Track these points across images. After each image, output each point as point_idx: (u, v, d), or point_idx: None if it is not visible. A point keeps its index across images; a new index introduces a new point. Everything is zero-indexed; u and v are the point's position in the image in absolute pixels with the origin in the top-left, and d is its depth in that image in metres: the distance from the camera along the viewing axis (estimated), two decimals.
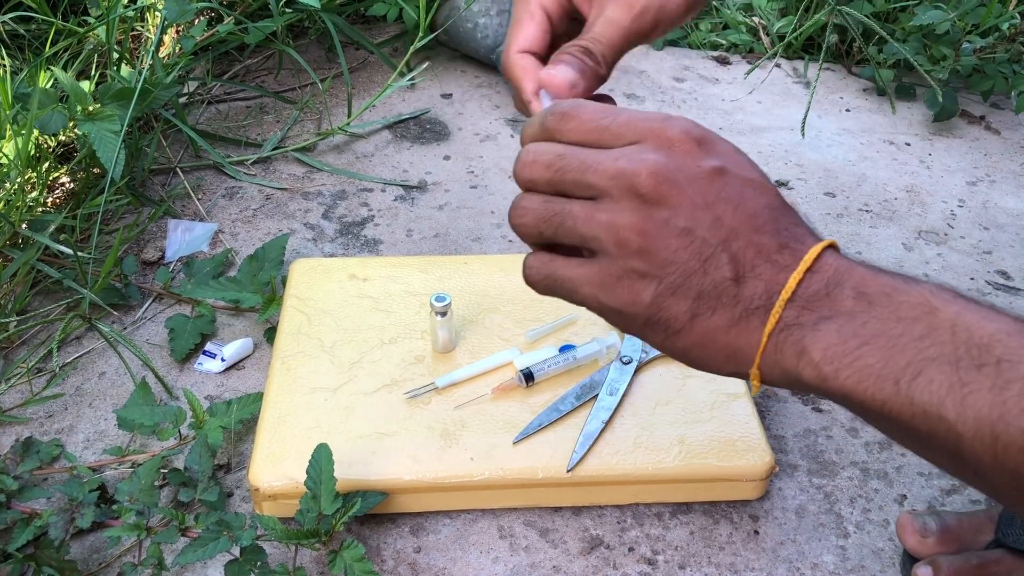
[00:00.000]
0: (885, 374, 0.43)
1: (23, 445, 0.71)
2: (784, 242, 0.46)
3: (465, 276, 0.85)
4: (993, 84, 1.20)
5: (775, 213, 0.47)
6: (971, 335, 0.41)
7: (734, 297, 0.46)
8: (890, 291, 0.44)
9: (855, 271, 0.45)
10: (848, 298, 0.44)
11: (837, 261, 0.45)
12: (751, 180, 0.47)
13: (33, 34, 1.10)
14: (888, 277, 0.45)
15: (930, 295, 0.43)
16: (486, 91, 1.24)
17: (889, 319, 0.43)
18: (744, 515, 0.71)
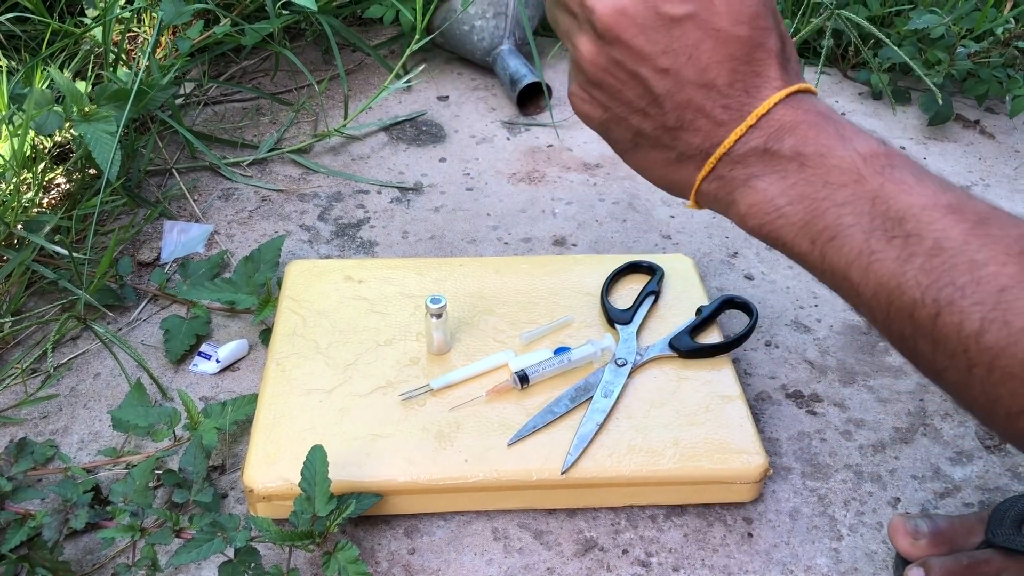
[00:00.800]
0: (804, 233, 0.48)
1: (17, 446, 0.71)
2: (732, 97, 0.49)
3: (460, 278, 0.85)
4: (988, 88, 1.20)
5: (734, 64, 0.49)
6: (889, 207, 0.45)
7: (671, 142, 0.51)
8: (825, 152, 0.47)
9: (798, 128, 0.48)
10: (784, 157, 0.48)
11: (787, 115, 0.48)
12: (717, 30, 0.48)
13: (29, 35, 1.10)
14: (830, 135, 0.48)
15: (862, 162, 0.46)
16: (482, 93, 1.24)
17: (817, 182, 0.47)
18: (738, 517, 0.71)
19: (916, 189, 0.45)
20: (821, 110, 0.49)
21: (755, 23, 0.49)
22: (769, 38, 0.50)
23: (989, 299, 0.42)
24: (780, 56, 0.50)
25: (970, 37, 1.25)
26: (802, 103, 0.49)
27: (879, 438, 0.78)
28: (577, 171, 1.10)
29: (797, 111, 0.49)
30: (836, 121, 0.49)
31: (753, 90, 0.49)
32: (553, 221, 1.02)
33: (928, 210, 0.44)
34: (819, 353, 0.86)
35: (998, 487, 0.74)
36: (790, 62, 0.51)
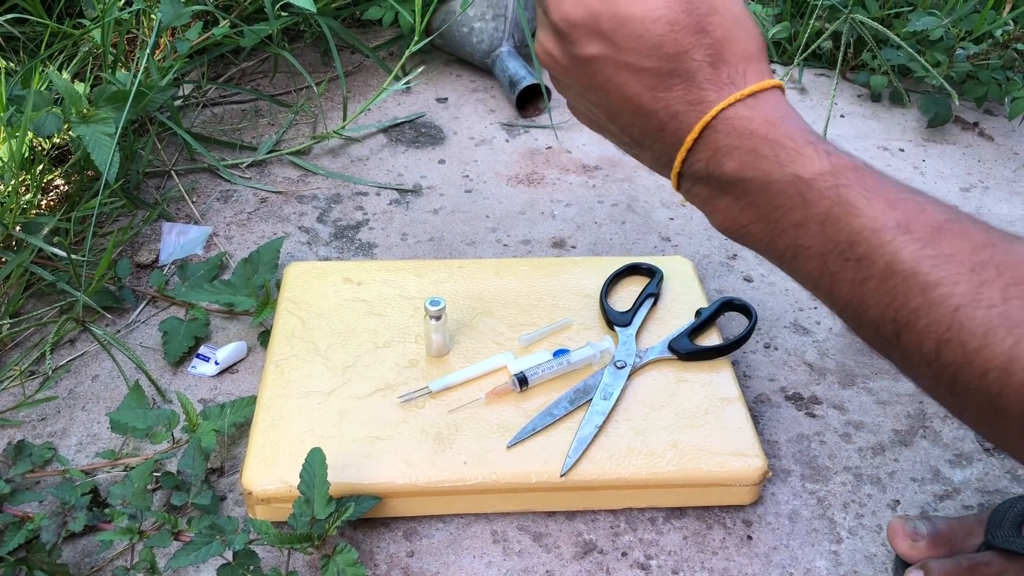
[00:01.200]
0: (771, 249, 0.49)
1: (15, 448, 0.71)
2: (664, 123, 0.50)
3: (459, 280, 0.85)
4: (987, 90, 1.20)
5: (653, 93, 0.49)
6: (839, 230, 0.45)
7: (639, 152, 0.53)
8: (765, 178, 0.47)
9: (734, 154, 0.48)
10: (728, 182, 0.49)
11: (720, 139, 0.48)
12: (625, 64, 0.49)
13: (28, 36, 1.10)
14: (767, 160, 0.47)
15: (806, 187, 0.46)
16: (481, 95, 1.24)
17: (767, 206, 0.48)
18: (737, 520, 0.71)
19: (864, 211, 0.45)
20: (760, 125, 0.48)
21: (662, 51, 0.48)
22: (687, 58, 0.48)
23: (944, 319, 0.42)
24: (710, 68, 0.49)
25: (969, 39, 1.25)
26: (739, 121, 0.48)
27: (878, 440, 0.78)
28: (576, 173, 1.10)
29: (731, 134, 0.48)
30: (776, 140, 0.47)
31: (682, 116, 0.49)
32: (552, 223, 1.02)
33: (877, 232, 0.44)
34: (818, 355, 0.86)
35: (997, 489, 0.74)
36: (726, 67, 0.49)
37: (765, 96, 0.48)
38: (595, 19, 0.49)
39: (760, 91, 0.48)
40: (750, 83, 0.48)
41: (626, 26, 0.48)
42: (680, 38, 0.48)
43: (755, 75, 0.49)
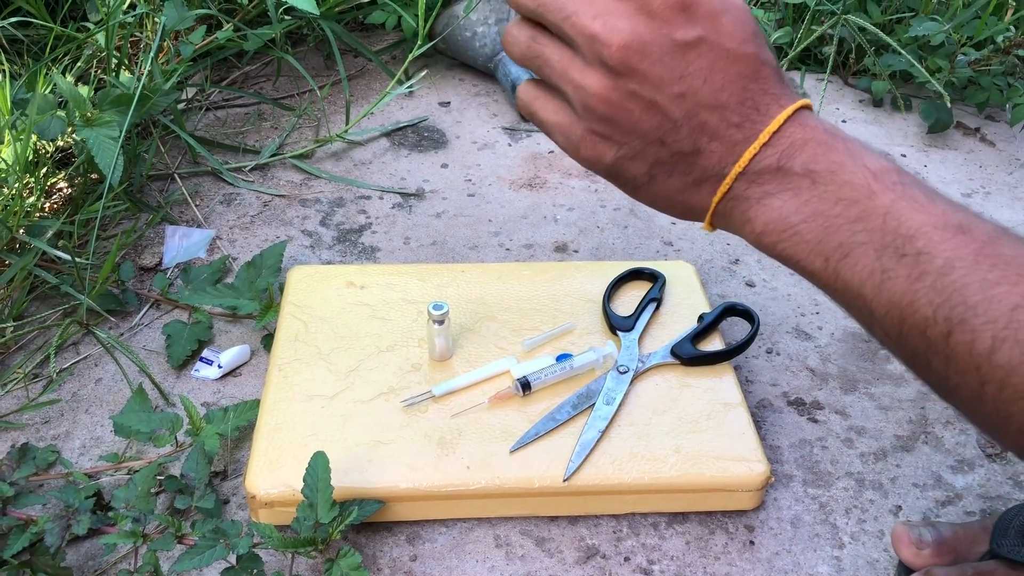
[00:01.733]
0: (818, 251, 0.48)
1: (19, 451, 0.71)
2: (745, 116, 0.49)
3: (462, 284, 0.85)
4: (988, 96, 1.21)
5: (745, 83, 0.49)
6: (900, 224, 0.45)
7: (689, 167, 0.51)
8: (836, 169, 0.48)
9: (808, 146, 0.48)
10: (796, 175, 0.48)
11: (796, 132, 0.49)
12: (727, 51, 0.49)
13: (32, 39, 1.10)
14: (839, 152, 0.48)
15: (872, 179, 0.47)
16: (484, 99, 1.24)
17: (829, 199, 0.47)
18: (740, 525, 0.71)
19: (927, 207, 0.46)
20: (827, 127, 0.50)
21: (757, 40, 0.50)
22: (769, 54, 0.51)
23: (1001, 318, 0.42)
24: (778, 72, 0.51)
25: (970, 45, 1.25)
26: (808, 120, 0.50)
27: (880, 446, 0.78)
28: (579, 177, 1.10)
29: (805, 128, 0.49)
30: (844, 138, 0.49)
31: (763, 107, 0.50)
32: (555, 227, 1.02)
33: (939, 229, 0.45)
34: (820, 360, 0.86)
35: (1000, 495, 0.74)
36: (784, 78, 0.52)
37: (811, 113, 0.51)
38: (698, 3, 0.49)
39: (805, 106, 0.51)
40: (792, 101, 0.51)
41: (729, 11, 0.49)
42: (763, 35, 0.50)
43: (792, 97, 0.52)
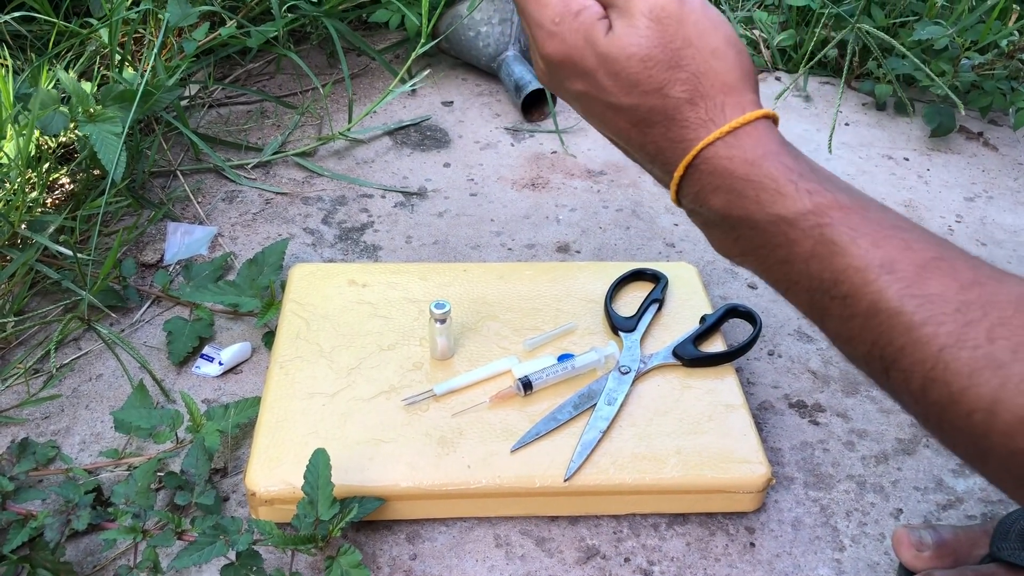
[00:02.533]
0: (765, 278, 0.50)
1: (19, 446, 0.71)
2: (655, 155, 0.50)
3: (464, 283, 0.85)
4: (991, 100, 1.21)
5: (639, 128, 0.50)
6: (822, 268, 0.46)
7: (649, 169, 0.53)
8: (748, 216, 0.47)
9: (717, 193, 0.48)
10: (716, 218, 0.49)
11: (701, 179, 0.48)
12: (608, 104, 0.50)
13: (35, 34, 1.10)
14: (748, 200, 0.47)
15: (788, 227, 0.46)
16: (487, 99, 1.24)
17: (754, 241, 0.48)
18: (740, 527, 0.71)
19: (848, 250, 0.45)
20: (740, 167, 0.47)
21: (638, 89, 0.48)
22: (664, 94, 0.48)
23: (929, 359, 0.42)
24: (688, 105, 0.48)
25: (974, 49, 1.25)
26: (722, 157, 0.47)
27: (881, 449, 0.78)
28: (581, 178, 1.10)
29: (713, 174, 0.48)
30: (756, 180, 0.47)
31: (667, 151, 0.49)
32: (557, 227, 1.02)
33: (861, 271, 0.44)
34: (822, 363, 0.86)
35: (1000, 499, 0.74)
36: (704, 103, 0.48)
37: (746, 132, 0.47)
38: (577, 58, 0.49)
39: (740, 126, 0.47)
40: (729, 118, 0.48)
41: (605, 64, 0.48)
42: (655, 75, 0.48)
43: (735, 109, 0.48)
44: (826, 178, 0.48)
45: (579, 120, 1.20)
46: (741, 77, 0.48)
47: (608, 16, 0.49)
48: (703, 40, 0.48)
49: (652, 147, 0.50)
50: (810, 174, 0.47)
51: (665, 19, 0.47)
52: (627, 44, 0.47)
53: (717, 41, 0.48)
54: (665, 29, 0.47)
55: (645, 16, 0.47)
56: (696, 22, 0.48)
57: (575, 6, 0.49)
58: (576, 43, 0.49)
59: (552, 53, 0.50)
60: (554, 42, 0.50)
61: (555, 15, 0.49)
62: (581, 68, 0.49)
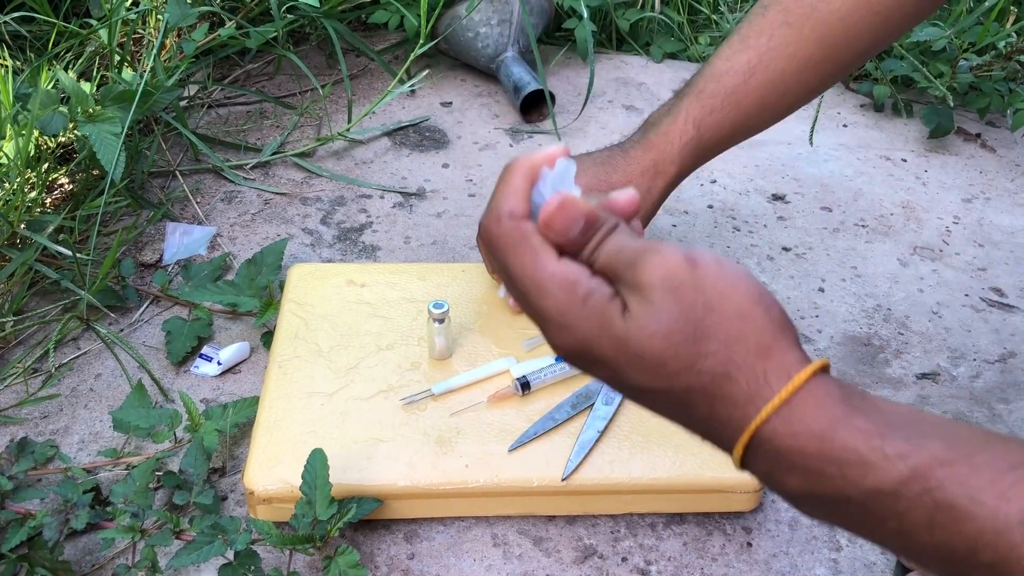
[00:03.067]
0: (885, 547, 0.44)
1: (18, 445, 0.71)
2: (704, 437, 0.44)
3: (463, 284, 0.85)
4: (989, 102, 1.21)
5: (677, 411, 0.43)
6: (952, 537, 0.39)
7: None
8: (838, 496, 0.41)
9: (792, 473, 0.41)
10: (798, 497, 0.42)
11: (768, 461, 0.41)
12: (638, 388, 0.43)
13: (35, 35, 1.10)
14: (835, 478, 0.40)
15: (892, 501, 0.39)
16: (486, 100, 1.24)
17: (853, 519, 0.42)
18: (737, 527, 0.71)
19: (975, 513, 0.38)
20: (810, 443, 0.40)
21: (666, 370, 0.42)
22: (696, 372, 0.41)
23: None
24: (726, 380, 0.41)
25: (972, 50, 1.25)
26: (782, 435, 0.40)
27: None
28: None
29: (779, 455, 0.41)
30: (835, 456, 0.40)
31: (717, 433, 0.43)
32: None
33: (1002, 534, 0.37)
34: None
35: None
36: (743, 375, 0.41)
37: (801, 400, 0.41)
38: (594, 347, 0.43)
39: (792, 395, 0.40)
40: (776, 389, 0.41)
41: (625, 349, 0.42)
42: (682, 351, 0.41)
43: (779, 376, 0.41)
44: (910, 427, 0.40)
45: (577, 121, 1.20)
46: (776, 335, 0.42)
47: (620, 293, 0.43)
48: (725, 303, 0.41)
49: (700, 428, 0.43)
50: (892, 432, 0.40)
51: (680, 288, 0.41)
52: (645, 323, 0.41)
53: (740, 300, 0.42)
54: (682, 298, 0.41)
55: (658, 288, 0.41)
56: (714, 284, 0.41)
57: (581, 292, 0.43)
58: (589, 332, 0.43)
59: (564, 346, 0.44)
60: (565, 335, 0.43)
61: (560, 306, 0.43)
62: (599, 356, 0.43)
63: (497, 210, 0.45)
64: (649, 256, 0.42)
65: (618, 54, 1.38)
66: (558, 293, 0.43)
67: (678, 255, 0.42)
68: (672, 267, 0.41)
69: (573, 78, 1.30)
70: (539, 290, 0.44)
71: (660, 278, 0.41)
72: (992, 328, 0.92)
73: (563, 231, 0.43)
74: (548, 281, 0.43)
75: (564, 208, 0.43)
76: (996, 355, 0.89)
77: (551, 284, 0.43)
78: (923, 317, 0.93)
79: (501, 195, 0.45)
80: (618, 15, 1.36)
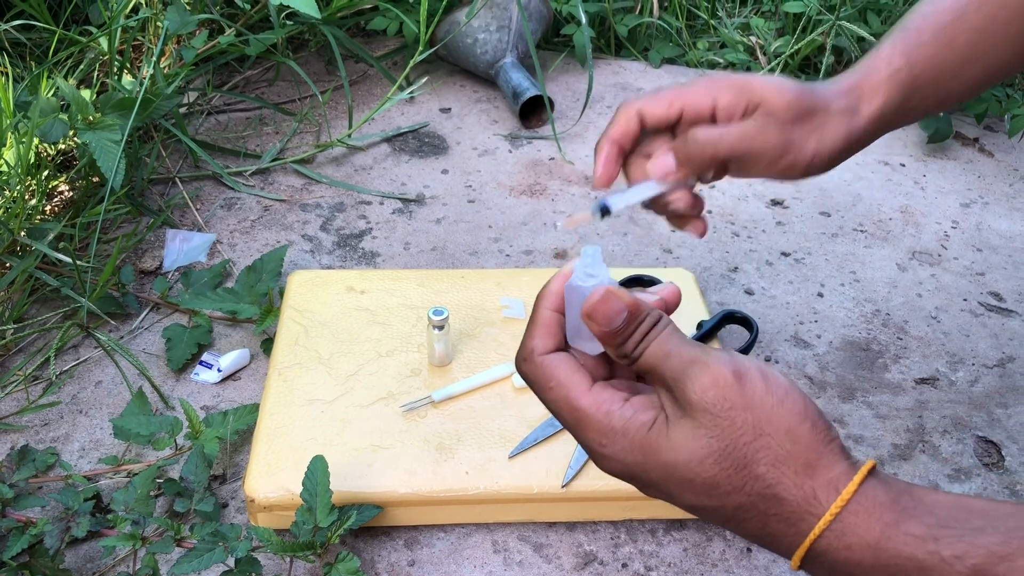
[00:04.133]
0: None
1: (19, 453, 0.71)
2: (762, 546, 0.45)
3: (462, 290, 0.85)
4: (987, 107, 1.21)
5: (732, 525, 0.44)
6: None
7: None
8: None
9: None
10: None
11: (826, 573, 0.42)
12: (692, 506, 0.44)
13: (35, 42, 1.10)
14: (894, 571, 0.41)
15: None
16: (485, 106, 1.24)
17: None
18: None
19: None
20: (866, 555, 0.41)
21: (719, 491, 0.43)
22: (748, 492, 0.42)
23: None
24: (776, 500, 0.42)
25: None
26: (837, 549, 0.41)
27: (878, 455, 0.78)
28: (578, 184, 1.10)
29: (836, 569, 0.41)
30: (892, 565, 0.40)
31: (774, 546, 0.43)
32: (554, 234, 1.02)
33: None
34: (819, 369, 0.86)
35: None
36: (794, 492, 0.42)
37: (851, 512, 0.41)
38: (639, 473, 0.44)
39: (842, 509, 0.41)
40: (826, 504, 0.41)
41: (674, 473, 0.43)
42: (732, 474, 0.42)
43: (828, 491, 0.41)
44: (961, 523, 0.40)
45: (576, 127, 1.21)
46: (821, 450, 0.42)
47: (664, 404, 0.44)
48: (774, 424, 0.42)
49: (756, 540, 0.44)
50: (945, 532, 0.40)
51: (730, 410, 0.42)
52: (695, 448, 0.42)
53: (788, 420, 0.42)
54: (733, 422, 0.42)
55: (708, 412, 0.42)
56: (762, 402, 0.42)
57: (617, 423, 0.43)
58: (633, 460, 0.44)
59: (613, 472, 0.45)
60: (611, 464, 0.45)
61: (600, 438, 0.44)
62: (647, 481, 0.44)
63: (527, 348, 0.47)
64: (697, 372, 0.42)
65: (617, 59, 1.38)
66: (595, 426, 0.44)
67: (727, 372, 0.42)
68: (721, 388, 0.42)
69: (572, 83, 1.30)
70: (576, 423, 0.45)
71: (710, 401, 0.42)
72: (990, 333, 0.92)
73: (606, 322, 0.44)
74: (582, 413, 0.44)
75: (606, 300, 0.44)
76: (994, 359, 0.89)
77: (586, 417, 0.44)
78: (922, 322, 0.93)
79: (529, 333, 0.47)
80: (616, 21, 1.36)
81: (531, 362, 0.46)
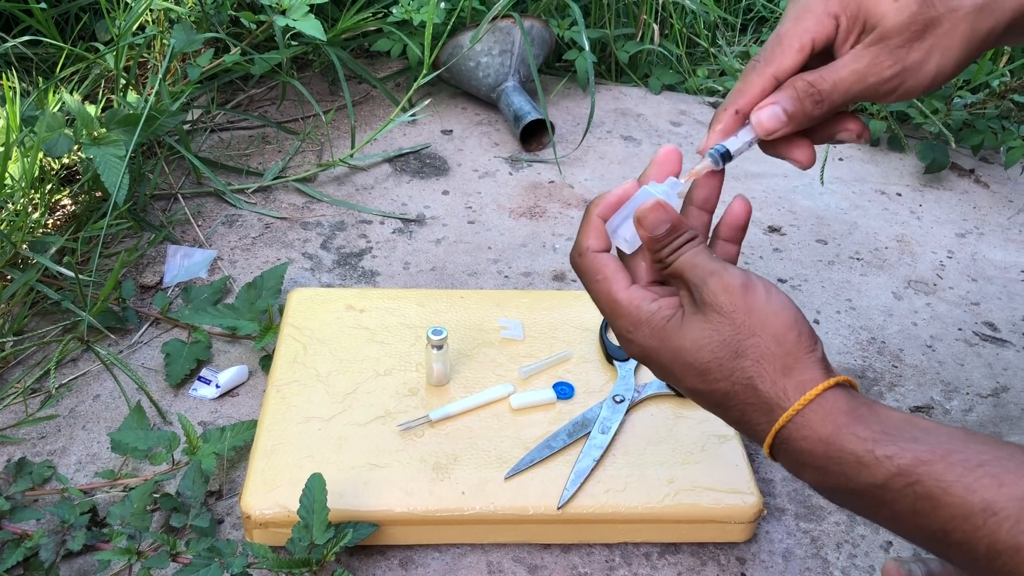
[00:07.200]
0: (887, 529, 0.51)
1: (15, 465, 0.71)
2: (738, 428, 0.53)
3: (461, 310, 0.86)
4: (983, 139, 1.22)
5: (717, 409, 0.53)
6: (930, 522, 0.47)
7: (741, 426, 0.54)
8: (841, 490, 0.49)
9: (806, 469, 0.50)
10: (813, 487, 0.51)
11: (788, 456, 0.50)
12: (690, 389, 0.53)
13: (42, 58, 1.11)
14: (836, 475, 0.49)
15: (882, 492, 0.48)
16: (486, 128, 1.26)
17: (856, 505, 0.50)
18: (731, 557, 0.71)
19: (947, 502, 0.45)
20: (817, 446, 0.49)
21: (710, 376, 0.51)
22: (733, 381, 0.51)
23: None
24: (753, 391, 0.50)
25: (966, 88, 1.27)
26: (796, 439, 0.49)
27: None
28: (578, 207, 1.11)
29: (795, 453, 0.49)
30: (836, 456, 0.48)
31: (751, 431, 0.51)
32: (553, 256, 1.03)
33: (967, 519, 0.45)
34: None
35: None
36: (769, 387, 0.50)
37: (811, 411, 0.49)
38: (653, 356, 0.53)
39: (804, 406, 0.49)
40: (792, 400, 0.49)
41: (679, 356, 0.52)
42: (724, 364, 0.50)
43: (796, 390, 0.49)
44: (903, 432, 0.48)
45: (577, 151, 1.22)
46: (800, 356, 0.50)
47: (683, 302, 0.52)
48: (766, 328, 0.50)
49: (737, 425, 0.52)
50: (886, 437, 0.48)
51: (733, 312, 0.50)
52: (698, 337, 0.51)
53: (778, 326, 0.50)
54: (734, 321, 0.50)
55: (716, 311, 0.50)
56: (760, 310, 0.50)
57: (644, 315, 0.53)
58: (651, 345, 0.53)
59: (633, 354, 0.54)
60: (633, 347, 0.54)
61: (628, 324, 0.53)
62: (658, 363, 0.53)
63: (579, 245, 0.56)
64: (715, 280, 0.51)
65: (617, 85, 1.39)
66: (626, 314, 0.53)
67: (737, 282, 0.50)
68: (730, 294, 0.50)
69: (573, 108, 1.31)
70: (612, 311, 0.54)
71: (720, 303, 0.50)
72: (985, 362, 0.92)
73: (651, 228, 0.53)
74: (618, 304, 0.54)
75: (656, 210, 0.53)
76: (989, 389, 0.89)
77: (620, 307, 0.53)
78: (917, 350, 0.93)
79: (582, 232, 0.56)
80: (618, 47, 1.38)
81: (585, 256, 0.55)
